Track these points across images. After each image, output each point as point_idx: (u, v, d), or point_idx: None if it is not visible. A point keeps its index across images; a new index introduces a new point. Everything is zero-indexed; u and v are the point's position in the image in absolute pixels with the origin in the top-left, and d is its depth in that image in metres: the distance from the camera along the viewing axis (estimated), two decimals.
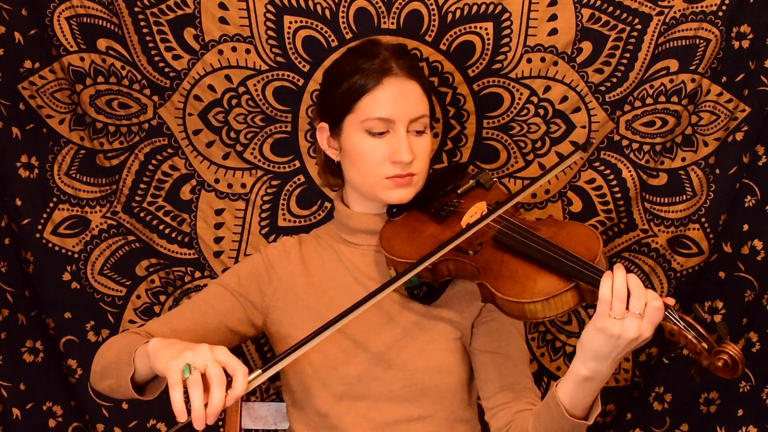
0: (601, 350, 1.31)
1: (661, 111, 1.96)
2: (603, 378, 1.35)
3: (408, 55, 1.63)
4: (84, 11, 1.91)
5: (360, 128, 1.57)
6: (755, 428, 2.04)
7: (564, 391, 1.38)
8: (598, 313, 1.29)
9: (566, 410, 1.37)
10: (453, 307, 1.61)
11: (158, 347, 1.33)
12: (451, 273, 1.53)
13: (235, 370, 1.24)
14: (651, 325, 1.29)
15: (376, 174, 1.57)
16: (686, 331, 1.28)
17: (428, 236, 1.56)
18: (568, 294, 1.36)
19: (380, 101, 1.55)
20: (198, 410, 1.21)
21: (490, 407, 1.57)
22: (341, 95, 1.58)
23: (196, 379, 1.22)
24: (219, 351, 1.26)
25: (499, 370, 1.57)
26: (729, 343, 1.25)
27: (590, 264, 1.35)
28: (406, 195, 1.59)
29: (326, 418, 1.60)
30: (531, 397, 1.54)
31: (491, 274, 1.44)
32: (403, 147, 1.55)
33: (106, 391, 1.49)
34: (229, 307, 1.63)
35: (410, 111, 1.56)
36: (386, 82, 1.55)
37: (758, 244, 1.99)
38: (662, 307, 1.28)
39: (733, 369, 1.25)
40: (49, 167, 1.96)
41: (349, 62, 1.60)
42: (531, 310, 1.37)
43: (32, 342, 2.00)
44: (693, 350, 1.28)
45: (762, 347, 2.02)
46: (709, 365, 1.26)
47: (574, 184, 2.00)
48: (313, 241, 1.73)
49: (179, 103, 1.95)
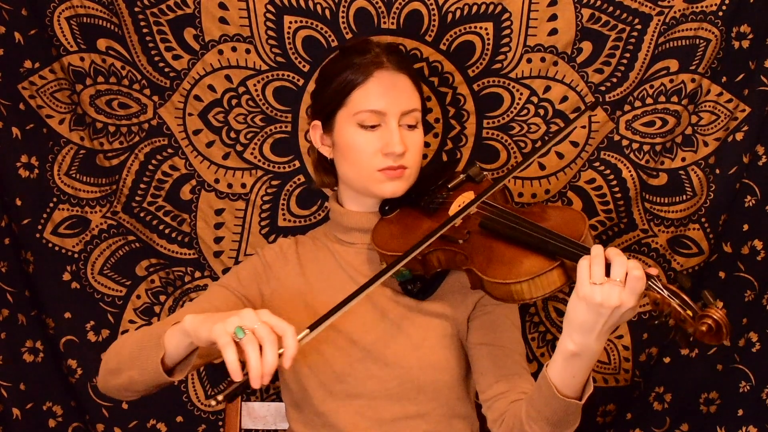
0: (586, 321, 1.30)
1: (661, 111, 1.96)
2: (592, 354, 1.33)
3: (399, 51, 1.66)
4: (84, 11, 1.91)
5: (352, 122, 1.58)
6: (755, 428, 2.04)
7: (554, 370, 1.37)
8: (579, 280, 1.29)
9: (557, 389, 1.36)
10: (447, 302, 1.61)
11: (196, 321, 1.32)
12: (441, 264, 1.53)
13: (284, 330, 1.24)
14: (633, 293, 1.27)
15: (369, 167, 1.58)
16: (670, 299, 1.27)
17: (420, 231, 1.57)
18: (553, 273, 1.36)
19: (371, 93, 1.57)
20: (256, 368, 1.20)
21: (486, 399, 1.56)
22: (333, 91, 1.60)
23: (251, 339, 1.21)
24: (264, 313, 1.26)
25: (494, 361, 1.57)
26: (713, 308, 1.24)
27: (574, 242, 1.36)
28: (398, 188, 1.60)
29: (324, 417, 1.60)
30: (526, 386, 1.54)
31: (478, 260, 1.45)
32: (395, 138, 1.56)
33: (122, 387, 1.48)
34: (233, 307, 1.63)
35: (401, 103, 1.58)
36: (377, 75, 1.58)
37: (758, 244, 1.99)
38: (643, 277, 1.27)
39: (717, 333, 1.23)
40: (49, 167, 1.96)
41: (341, 60, 1.63)
42: (517, 290, 1.38)
43: (32, 342, 2.00)
44: (678, 318, 1.27)
45: (762, 347, 2.02)
46: (695, 332, 1.25)
47: (574, 184, 2.00)
48: (309, 241, 1.74)
49: (179, 103, 1.95)
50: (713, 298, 1.26)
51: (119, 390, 1.50)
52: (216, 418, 2.05)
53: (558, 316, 2.06)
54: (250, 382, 1.21)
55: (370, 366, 1.58)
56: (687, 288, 1.29)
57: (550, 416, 1.38)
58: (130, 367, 1.44)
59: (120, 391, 1.50)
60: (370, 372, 1.58)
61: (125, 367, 1.45)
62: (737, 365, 2.04)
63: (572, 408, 1.37)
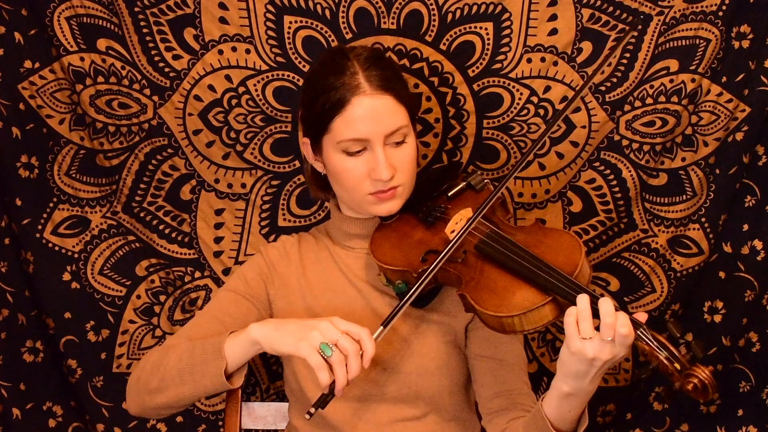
0: (579, 370, 1.31)
1: (661, 111, 1.96)
2: (586, 393, 1.35)
3: (378, 64, 1.55)
4: (84, 11, 1.91)
5: (337, 149, 1.54)
6: (755, 428, 2.04)
7: (549, 406, 1.38)
8: (568, 335, 1.29)
9: (552, 424, 1.37)
10: (445, 310, 1.61)
11: (268, 331, 1.41)
12: (437, 280, 1.53)
13: (360, 335, 1.34)
14: (623, 346, 1.27)
15: (359, 191, 1.56)
16: (658, 352, 1.27)
17: (415, 242, 1.57)
18: (545, 308, 1.36)
19: (352, 122, 1.50)
20: (343, 382, 1.33)
21: (485, 412, 1.57)
22: (316, 115, 1.54)
23: (338, 358, 1.33)
24: (339, 321, 1.35)
25: (495, 375, 1.57)
26: (700, 367, 1.24)
27: (568, 278, 1.35)
28: (393, 207, 1.58)
29: (323, 418, 1.60)
30: (527, 403, 1.54)
31: (471, 285, 1.44)
32: (381, 165, 1.51)
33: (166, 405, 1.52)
34: (245, 311, 1.64)
35: (384, 127, 1.52)
36: (355, 102, 1.50)
37: (758, 244, 1.99)
38: (632, 333, 1.26)
39: (704, 392, 1.24)
40: (49, 167, 1.96)
41: (319, 78, 1.56)
42: (509, 323, 1.37)
43: (32, 342, 2.00)
44: (665, 371, 1.27)
45: (762, 347, 2.02)
46: (681, 387, 1.25)
47: (574, 184, 2.00)
48: (312, 239, 1.73)
49: (179, 103, 1.95)
50: (702, 350, 1.25)
51: (161, 408, 1.53)
52: (216, 418, 2.05)
53: None
54: (336, 392, 1.34)
55: (369, 371, 1.57)
56: (676, 337, 1.28)
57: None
58: (179, 383, 1.47)
59: (161, 410, 1.54)
60: (369, 377, 1.58)
61: (173, 383, 1.48)
62: (737, 365, 2.04)
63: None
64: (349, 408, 1.59)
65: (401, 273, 1.53)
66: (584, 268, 1.40)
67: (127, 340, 2.03)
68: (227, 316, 1.62)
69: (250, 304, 1.64)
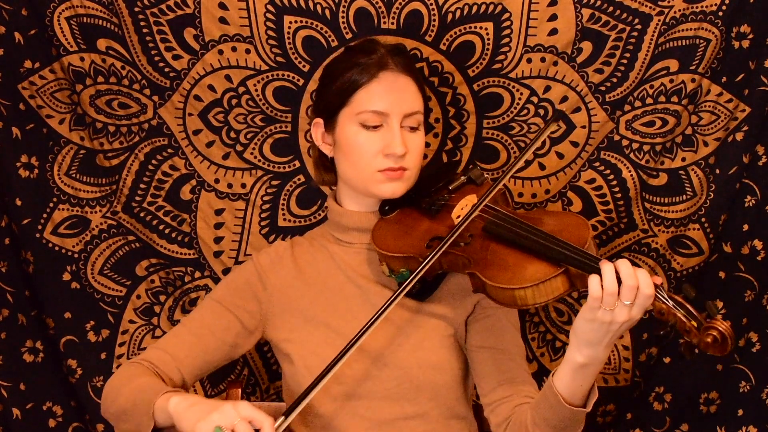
0: (595, 336, 1.32)
1: (661, 111, 1.96)
2: (599, 363, 1.36)
3: (405, 53, 1.66)
4: (84, 11, 1.91)
5: (354, 121, 1.58)
6: (755, 428, 2.04)
7: (561, 380, 1.38)
8: (590, 306, 1.30)
9: (564, 399, 1.38)
10: (446, 303, 1.61)
11: (180, 408, 1.40)
12: (443, 266, 1.53)
13: (262, 423, 1.34)
14: (641, 309, 1.29)
15: (369, 167, 1.58)
16: (675, 310, 1.28)
17: (421, 232, 1.57)
18: (557, 279, 1.36)
19: (375, 94, 1.57)
20: None
21: (488, 403, 1.56)
22: (337, 89, 1.60)
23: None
24: (243, 407, 1.34)
25: (497, 365, 1.57)
26: (718, 320, 1.25)
27: (579, 249, 1.36)
28: (398, 189, 1.60)
29: (323, 419, 1.60)
30: (529, 390, 1.54)
31: (481, 264, 1.44)
32: (397, 140, 1.57)
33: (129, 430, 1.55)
34: (225, 324, 1.64)
35: (405, 105, 1.58)
36: (382, 76, 1.58)
37: (758, 244, 1.99)
38: (653, 295, 1.28)
39: (723, 345, 1.24)
40: (49, 167, 1.96)
41: (346, 59, 1.63)
42: (521, 296, 1.37)
43: (32, 342, 2.00)
44: (683, 328, 1.27)
45: (762, 347, 2.02)
46: (699, 342, 1.26)
47: (574, 184, 2.00)
48: (306, 242, 1.73)
49: (179, 103, 1.95)
50: (717, 309, 1.27)
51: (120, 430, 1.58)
52: None
53: (558, 317, 2.06)
54: None
55: (369, 367, 1.58)
56: (692, 298, 1.29)
57: (557, 424, 1.40)
58: (126, 420, 1.52)
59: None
60: (370, 373, 1.58)
61: (123, 418, 1.53)
62: (737, 365, 2.04)
63: (578, 416, 1.40)
64: (350, 407, 1.59)
65: (405, 260, 1.53)
66: (591, 246, 1.41)
67: (127, 340, 2.03)
68: (206, 330, 1.63)
69: (233, 315, 1.65)
